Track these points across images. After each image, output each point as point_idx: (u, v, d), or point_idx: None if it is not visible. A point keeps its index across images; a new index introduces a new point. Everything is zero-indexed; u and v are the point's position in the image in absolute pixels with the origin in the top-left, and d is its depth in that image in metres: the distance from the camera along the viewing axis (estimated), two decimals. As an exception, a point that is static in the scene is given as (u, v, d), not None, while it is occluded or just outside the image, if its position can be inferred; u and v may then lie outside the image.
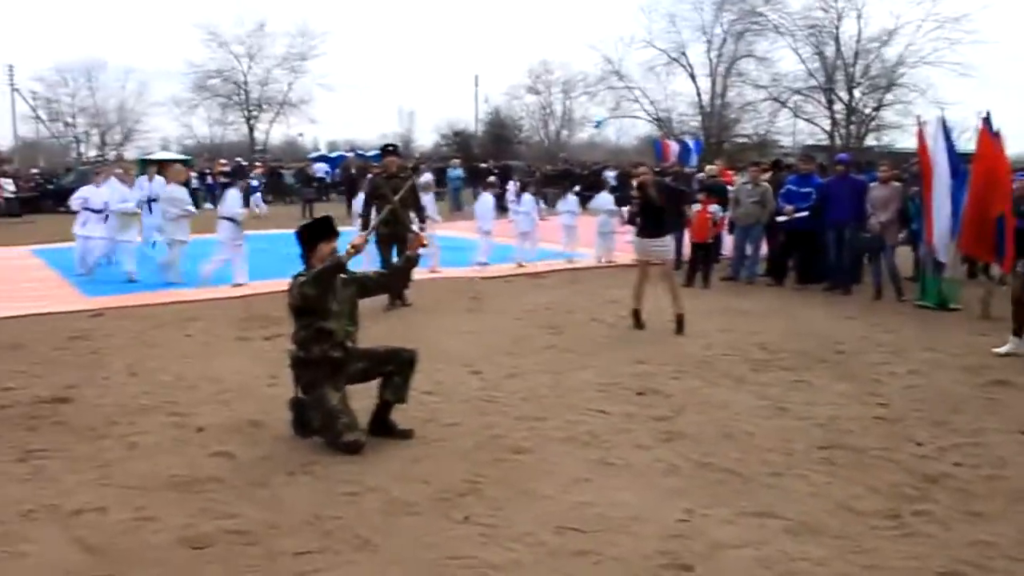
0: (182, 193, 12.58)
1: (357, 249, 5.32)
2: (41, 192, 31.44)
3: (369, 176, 11.54)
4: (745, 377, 7.11)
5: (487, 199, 14.74)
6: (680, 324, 8.80)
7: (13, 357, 7.81)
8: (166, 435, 5.61)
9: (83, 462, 5.12)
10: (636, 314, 9.07)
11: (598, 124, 39.21)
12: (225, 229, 11.97)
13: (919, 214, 10.81)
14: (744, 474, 4.92)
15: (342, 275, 5.45)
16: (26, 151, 52.21)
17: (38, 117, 52.73)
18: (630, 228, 10.31)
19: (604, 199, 14.99)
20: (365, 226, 10.09)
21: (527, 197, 14.91)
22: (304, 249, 5.46)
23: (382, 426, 5.49)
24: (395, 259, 9.83)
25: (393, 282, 5.83)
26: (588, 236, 14.92)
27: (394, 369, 5.50)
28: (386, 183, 9.91)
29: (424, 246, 5.95)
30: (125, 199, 13.08)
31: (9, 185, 29.49)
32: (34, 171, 36.54)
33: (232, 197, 12.28)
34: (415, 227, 9.61)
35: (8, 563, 3.88)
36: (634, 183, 9.45)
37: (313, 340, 5.36)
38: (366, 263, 9.90)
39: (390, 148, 11.10)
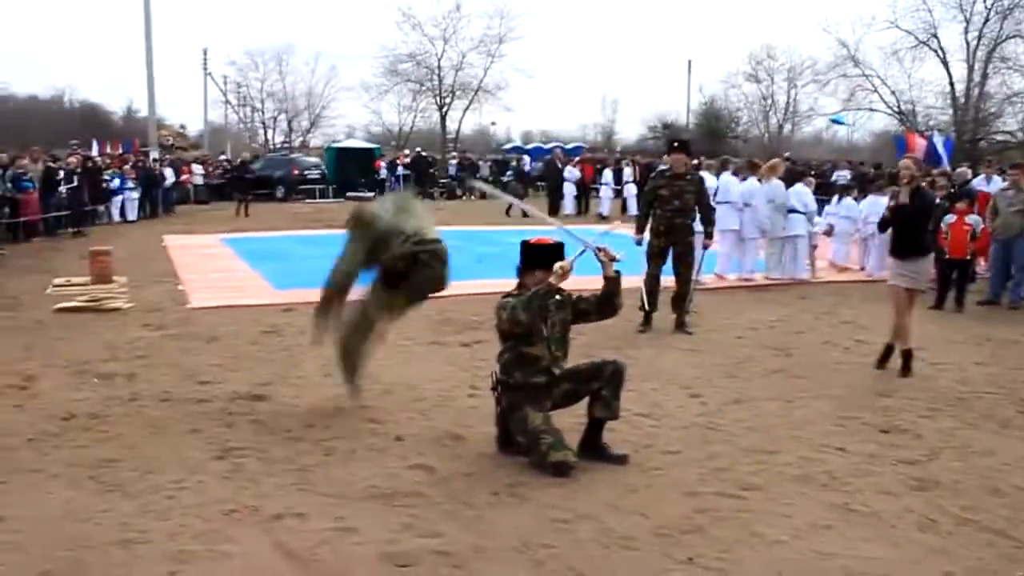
0: None
1: (565, 272, 5.35)
2: (230, 179, 33.70)
3: (652, 175, 11.43)
4: (1012, 420, 6.71)
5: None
6: (908, 363, 8.01)
7: (209, 350, 8.47)
8: (362, 442, 5.90)
9: (280, 464, 5.47)
10: (887, 351, 8.17)
11: (838, 121, 37.73)
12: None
13: None
14: (1017, 537, 4.63)
15: (557, 296, 5.56)
16: (214, 136, 56.19)
17: (228, 102, 56.67)
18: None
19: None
20: (640, 230, 9.96)
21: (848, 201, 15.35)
22: (522, 265, 5.59)
23: (594, 448, 5.55)
24: (664, 275, 9.80)
25: (603, 310, 5.80)
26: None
27: (601, 384, 5.56)
28: (668, 184, 9.71)
29: (615, 259, 5.72)
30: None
31: (199, 171, 31.82)
32: (222, 157, 39.24)
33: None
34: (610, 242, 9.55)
35: (214, 563, 4.19)
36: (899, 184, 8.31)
37: (515, 364, 5.52)
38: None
39: (676, 144, 10.18)
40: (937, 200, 9.38)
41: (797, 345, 9.14)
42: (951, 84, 43.08)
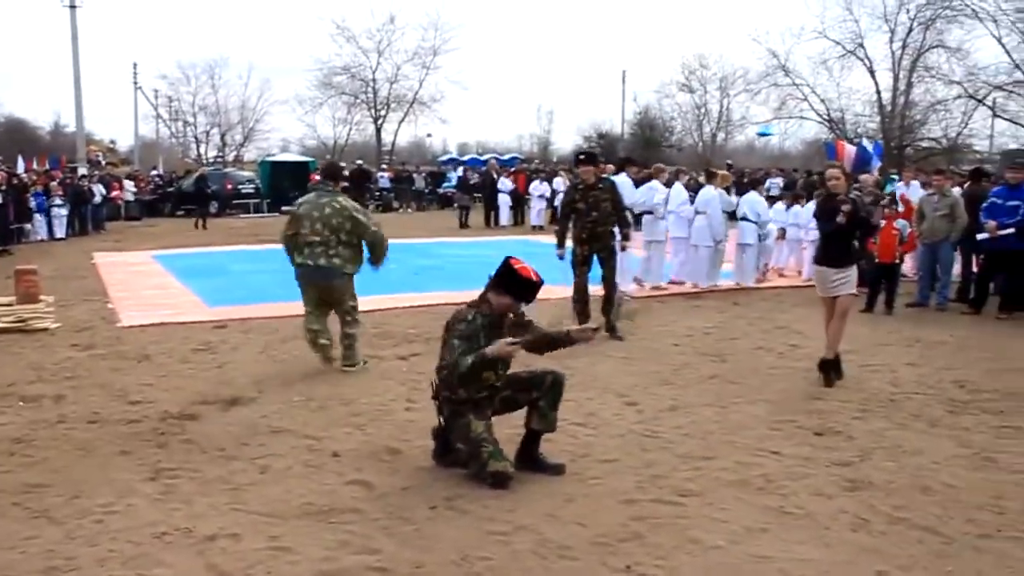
0: None
1: (504, 356, 5.27)
2: (161, 195, 33.14)
3: (567, 187, 11.54)
4: (941, 420, 6.84)
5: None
6: (827, 372, 7.92)
7: (140, 369, 8.30)
8: (298, 459, 5.82)
9: (214, 484, 5.37)
10: (825, 366, 7.95)
11: (765, 133, 38.61)
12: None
13: None
14: (946, 534, 4.72)
15: (511, 315, 5.51)
16: (145, 151, 55.36)
17: (159, 116, 55.89)
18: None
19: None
20: (561, 244, 10.10)
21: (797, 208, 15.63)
22: (495, 283, 5.47)
23: (531, 459, 5.54)
24: (591, 282, 9.84)
25: (540, 351, 5.84)
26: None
27: (539, 395, 5.55)
28: (583, 197, 9.83)
29: (593, 330, 5.89)
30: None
31: (130, 187, 31.26)
32: (154, 172, 38.63)
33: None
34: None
35: (145, 588, 4.10)
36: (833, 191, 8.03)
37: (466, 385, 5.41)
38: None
39: (583, 156, 10.38)
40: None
41: (732, 351, 9.24)
42: (878, 92, 44.05)
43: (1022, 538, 4.66)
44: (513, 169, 31.32)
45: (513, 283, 5.42)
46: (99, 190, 26.86)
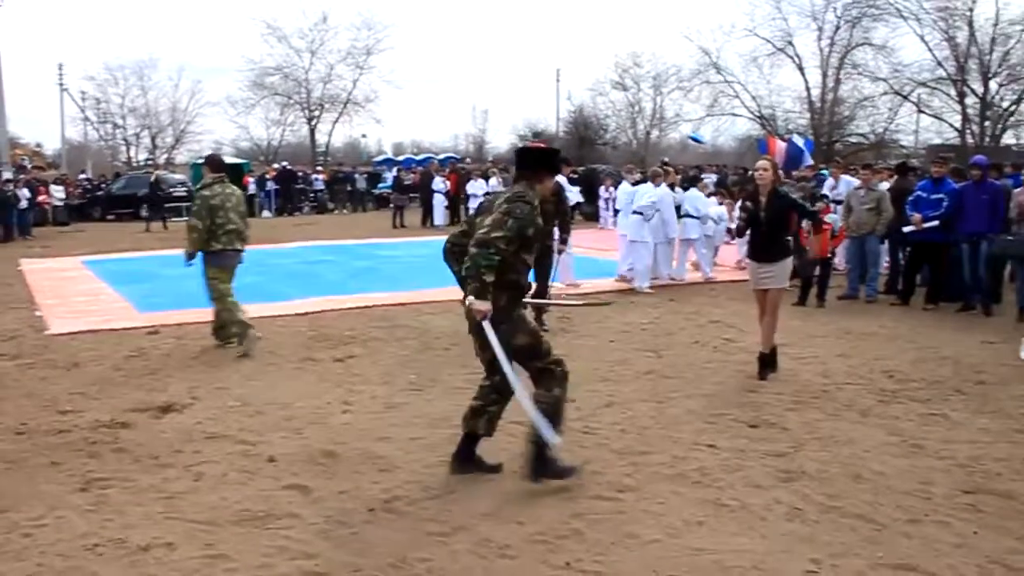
0: None
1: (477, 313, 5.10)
2: (90, 199, 32.48)
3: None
4: (871, 409, 6.99)
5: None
6: (763, 365, 8.05)
7: (70, 377, 8.12)
8: (234, 465, 5.74)
9: (147, 493, 5.27)
10: (763, 360, 8.08)
11: (696, 139, 39.27)
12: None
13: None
14: (877, 520, 4.83)
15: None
16: (73, 154, 54.17)
17: (87, 118, 54.71)
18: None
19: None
20: None
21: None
22: (540, 167, 5.39)
23: (468, 459, 5.50)
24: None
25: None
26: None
27: (498, 383, 5.37)
28: None
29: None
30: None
31: (59, 192, 30.57)
32: (82, 176, 37.84)
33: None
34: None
35: (76, 601, 4.01)
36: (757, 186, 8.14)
37: (512, 267, 5.17)
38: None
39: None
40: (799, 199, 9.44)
41: (668, 346, 9.32)
42: (807, 89, 44.82)
43: (948, 523, 4.79)
44: (447, 170, 31.23)
45: (549, 158, 5.56)
46: (25, 195, 26.15)
